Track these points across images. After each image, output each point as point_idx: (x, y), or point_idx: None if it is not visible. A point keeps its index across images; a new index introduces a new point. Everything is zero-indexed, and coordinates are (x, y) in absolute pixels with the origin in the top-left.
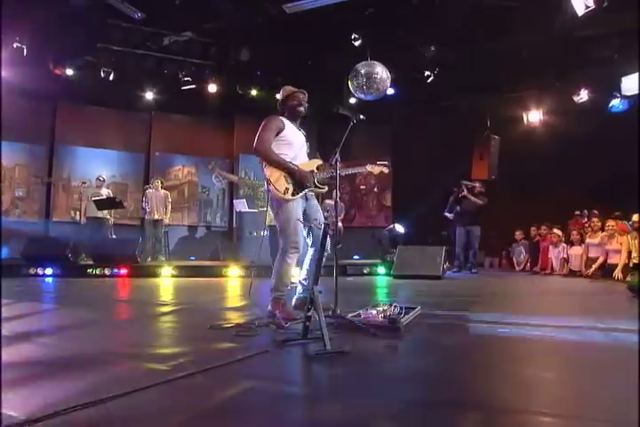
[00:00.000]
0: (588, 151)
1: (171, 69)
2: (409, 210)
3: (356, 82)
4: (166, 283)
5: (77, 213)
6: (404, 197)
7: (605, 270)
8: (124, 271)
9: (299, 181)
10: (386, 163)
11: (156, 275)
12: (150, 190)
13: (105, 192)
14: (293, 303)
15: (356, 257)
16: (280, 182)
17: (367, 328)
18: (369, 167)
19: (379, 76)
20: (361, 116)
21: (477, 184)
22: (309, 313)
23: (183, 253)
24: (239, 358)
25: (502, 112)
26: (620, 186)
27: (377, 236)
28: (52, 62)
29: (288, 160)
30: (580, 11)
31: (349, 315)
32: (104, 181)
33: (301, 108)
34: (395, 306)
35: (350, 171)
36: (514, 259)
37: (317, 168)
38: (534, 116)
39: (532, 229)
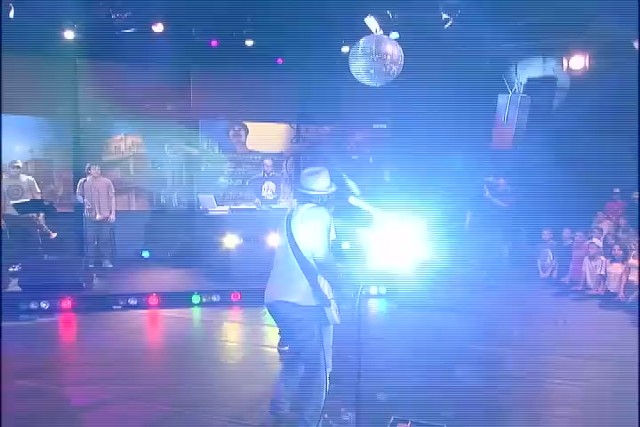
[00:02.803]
0: None
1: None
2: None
3: (358, 63)
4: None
5: None
6: (406, 170)
7: None
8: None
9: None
10: (384, 126)
11: (106, 307)
12: (86, 179)
13: (24, 180)
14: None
15: (345, 245)
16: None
17: None
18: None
19: (389, 58)
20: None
21: (502, 181)
22: None
23: (134, 248)
24: None
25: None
26: None
27: None
28: None
29: None
30: None
31: None
32: (20, 167)
33: None
34: None
35: None
36: (538, 262)
37: None
38: (577, 63)
39: (565, 230)
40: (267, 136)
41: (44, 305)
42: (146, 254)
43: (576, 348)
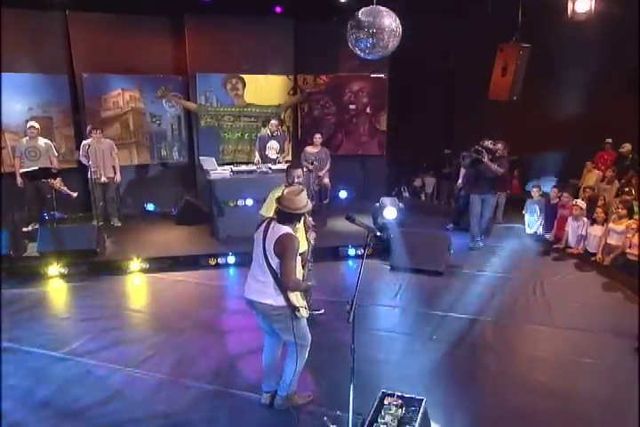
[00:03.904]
0: None
1: None
2: (406, 136)
3: (356, 35)
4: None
5: None
6: (403, 119)
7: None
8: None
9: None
10: (382, 76)
11: (120, 271)
12: (90, 142)
13: (42, 144)
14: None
15: (343, 194)
16: (303, 305)
17: None
18: None
19: (387, 31)
20: (377, 233)
21: (500, 145)
22: None
23: (138, 202)
24: None
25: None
26: None
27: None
28: None
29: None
30: None
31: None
32: (37, 128)
33: None
34: (401, 403)
35: None
36: (525, 217)
37: None
38: (583, 5)
39: (553, 190)
40: (264, 88)
41: (62, 271)
42: (150, 207)
43: (549, 316)
